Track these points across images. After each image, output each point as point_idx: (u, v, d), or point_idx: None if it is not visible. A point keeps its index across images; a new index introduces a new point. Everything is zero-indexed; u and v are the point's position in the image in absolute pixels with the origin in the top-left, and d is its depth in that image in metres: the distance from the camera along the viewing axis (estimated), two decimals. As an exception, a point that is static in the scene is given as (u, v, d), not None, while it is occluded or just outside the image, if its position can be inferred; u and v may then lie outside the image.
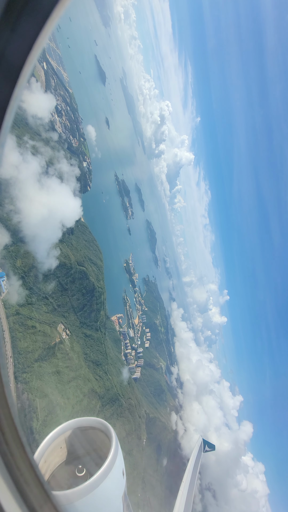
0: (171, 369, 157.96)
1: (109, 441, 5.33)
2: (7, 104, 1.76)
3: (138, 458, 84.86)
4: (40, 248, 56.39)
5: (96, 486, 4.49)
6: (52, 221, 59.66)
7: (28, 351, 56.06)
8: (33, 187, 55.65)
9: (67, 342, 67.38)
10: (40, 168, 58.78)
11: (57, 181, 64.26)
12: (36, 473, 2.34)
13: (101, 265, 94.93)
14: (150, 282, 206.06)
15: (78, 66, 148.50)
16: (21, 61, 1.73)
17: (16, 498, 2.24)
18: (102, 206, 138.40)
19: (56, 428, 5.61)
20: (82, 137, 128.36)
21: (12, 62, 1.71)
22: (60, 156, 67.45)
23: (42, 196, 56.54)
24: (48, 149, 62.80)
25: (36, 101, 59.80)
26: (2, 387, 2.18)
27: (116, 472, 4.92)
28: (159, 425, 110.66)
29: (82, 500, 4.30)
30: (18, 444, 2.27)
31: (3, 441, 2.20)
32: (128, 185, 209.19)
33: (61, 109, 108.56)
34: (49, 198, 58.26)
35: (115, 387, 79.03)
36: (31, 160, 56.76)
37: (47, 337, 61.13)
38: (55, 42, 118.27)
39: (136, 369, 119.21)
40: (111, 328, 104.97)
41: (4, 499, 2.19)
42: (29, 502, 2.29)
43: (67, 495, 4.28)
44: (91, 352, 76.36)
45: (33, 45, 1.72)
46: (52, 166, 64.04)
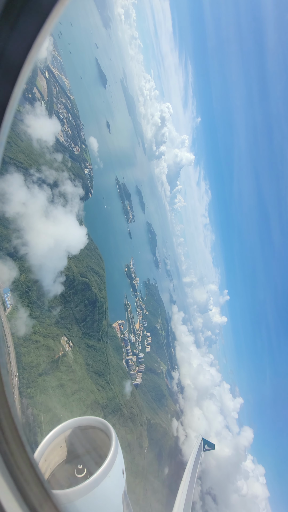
0: (172, 374, 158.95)
1: (109, 440, 5.36)
2: (7, 103, 1.75)
3: (140, 467, 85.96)
4: (47, 277, 57.25)
5: (96, 485, 4.52)
6: (58, 251, 60.63)
7: (32, 366, 56.86)
8: (40, 219, 56.49)
9: (70, 355, 68.24)
10: (47, 199, 59.62)
11: (63, 210, 65.07)
12: (36, 472, 2.39)
13: (103, 274, 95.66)
14: (151, 285, 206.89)
15: (80, 72, 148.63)
16: (21, 59, 1.72)
17: (16, 497, 2.28)
18: (103, 212, 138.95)
19: (56, 427, 5.65)
20: (84, 144, 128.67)
21: (12, 60, 1.69)
22: (64, 177, 68.09)
23: (49, 227, 57.46)
24: (53, 172, 63.56)
25: (40, 125, 60.46)
26: (2, 386, 2.19)
27: (116, 471, 4.93)
28: (160, 431, 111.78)
29: (82, 499, 4.34)
30: (18, 443, 2.30)
31: (3, 440, 2.23)
32: (129, 187, 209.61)
33: (63, 118, 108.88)
34: (55, 228, 59.18)
35: (117, 397, 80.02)
36: (38, 193, 57.53)
37: (50, 351, 61.97)
38: (56, 50, 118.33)
39: (137, 374, 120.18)
40: (113, 336, 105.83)
41: (4, 498, 2.23)
42: (29, 501, 2.33)
43: (67, 494, 4.32)
44: (93, 363, 77.25)
45: (33, 44, 1.71)
46: (57, 188, 64.71)
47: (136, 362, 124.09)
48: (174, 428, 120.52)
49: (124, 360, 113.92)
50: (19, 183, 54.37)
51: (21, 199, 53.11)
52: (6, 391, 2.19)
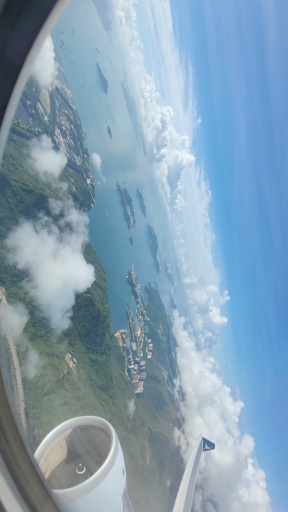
0: (174, 381, 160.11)
1: (109, 440, 5.38)
2: (7, 103, 1.77)
3: (142, 478, 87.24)
4: (55, 315, 58.25)
5: (96, 485, 4.53)
6: (66, 290, 61.71)
7: (37, 386, 57.88)
8: (49, 261, 57.43)
9: (74, 371, 69.26)
10: (55, 239, 60.66)
11: (70, 249, 66.06)
12: (36, 471, 2.40)
13: (106, 286, 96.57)
14: (152, 289, 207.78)
15: (81, 80, 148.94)
16: (21, 59, 1.74)
17: (17, 496, 2.29)
18: (105, 220, 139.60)
19: (56, 427, 5.68)
20: (86, 153, 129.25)
21: (12, 60, 1.72)
22: (69, 205, 68.96)
23: (57, 268, 58.41)
24: (59, 203, 64.48)
25: (47, 158, 61.36)
26: (2, 386, 2.21)
27: (116, 470, 4.94)
28: (162, 439, 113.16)
29: (82, 498, 4.35)
30: (19, 442, 2.32)
31: (4, 440, 2.25)
32: (129, 192, 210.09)
33: (65, 129, 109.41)
34: (63, 268, 60.13)
35: (120, 411, 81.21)
36: (46, 238, 58.57)
37: (55, 370, 63.00)
38: (59, 61, 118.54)
39: (139, 383, 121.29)
40: (115, 346, 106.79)
41: (5, 498, 2.24)
42: (29, 501, 2.34)
43: (67, 494, 4.33)
44: (96, 378, 78.35)
45: (33, 43, 1.72)
46: (63, 219, 65.67)
47: (137, 371, 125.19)
48: (176, 438, 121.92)
49: (126, 369, 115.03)
50: (29, 231, 55.46)
51: (32, 248, 54.29)
52: (7, 390, 2.22)
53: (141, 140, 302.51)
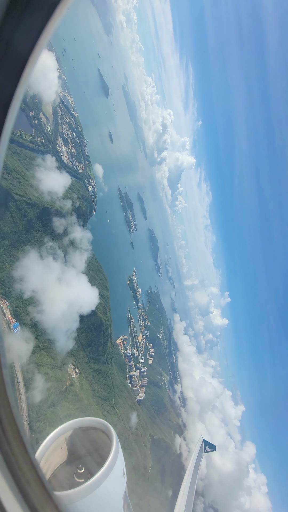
0: (175, 386, 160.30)
1: (109, 441, 5.37)
2: (11, 101, 1.78)
3: (145, 488, 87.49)
4: (60, 338, 58.80)
5: (97, 486, 4.52)
6: (71, 313, 62.27)
7: (42, 400, 58.30)
8: (54, 286, 58.02)
9: (76, 383, 69.71)
10: (60, 263, 61.25)
11: (74, 272, 66.66)
12: (37, 473, 2.41)
13: (107, 295, 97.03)
14: (153, 293, 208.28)
15: (83, 86, 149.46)
16: (25, 57, 1.74)
17: (18, 498, 2.30)
18: (106, 226, 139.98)
19: (57, 428, 5.66)
20: (87, 160, 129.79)
21: (15, 58, 1.72)
22: (72, 222, 69.51)
23: (62, 292, 58.97)
24: (63, 221, 65.11)
25: (51, 179, 61.91)
26: (3, 387, 2.22)
27: (117, 472, 4.92)
28: (163, 446, 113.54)
29: (83, 500, 4.35)
30: (20, 444, 2.33)
31: (5, 441, 2.26)
32: (130, 195, 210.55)
33: (67, 138, 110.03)
34: (69, 292, 60.72)
35: (122, 420, 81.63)
36: (52, 263, 59.17)
37: (58, 382, 63.42)
38: (61, 69, 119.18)
39: (140, 389, 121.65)
40: (117, 353, 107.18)
41: (6, 499, 2.25)
42: (30, 502, 2.35)
43: (68, 495, 4.33)
44: (99, 388, 78.79)
45: (36, 42, 1.74)
46: (66, 237, 66.32)
47: (139, 377, 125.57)
48: (177, 445, 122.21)
49: (128, 376, 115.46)
50: (35, 258, 56.00)
51: (38, 277, 54.89)
52: (8, 391, 2.24)
53: (141, 142, 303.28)
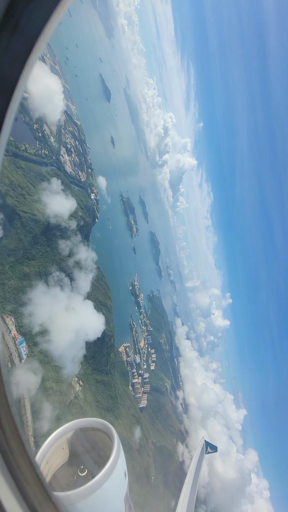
0: (177, 393, 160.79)
1: (111, 442, 5.37)
2: (6, 110, 1.76)
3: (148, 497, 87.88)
4: (67, 364, 59.51)
5: (98, 487, 4.50)
6: (77, 341, 63.03)
7: (46, 415, 58.98)
8: (61, 316, 58.68)
9: (80, 395, 70.37)
10: (66, 290, 62.02)
11: (81, 298, 67.40)
12: (37, 474, 2.41)
13: (110, 304, 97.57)
14: (154, 297, 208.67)
15: (85, 93, 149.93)
16: (23, 59, 1.72)
17: (18, 499, 2.30)
18: (108, 233, 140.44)
19: (58, 429, 5.65)
20: (90, 168, 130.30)
21: (11, 62, 1.70)
22: (77, 241, 70.14)
23: (69, 320, 59.59)
24: (68, 243, 65.69)
25: (57, 202, 62.55)
26: (2, 386, 2.22)
27: (118, 473, 4.91)
28: (166, 453, 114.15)
29: (84, 501, 4.33)
30: (20, 445, 2.33)
31: (5, 442, 2.25)
32: (132, 199, 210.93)
33: (70, 147, 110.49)
34: (75, 319, 61.33)
35: (125, 431, 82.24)
36: (59, 293, 59.90)
37: (63, 396, 64.10)
38: (64, 78, 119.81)
39: (143, 396, 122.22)
40: (119, 361, 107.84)
41: (6, 500, 2.25)
42: (30, 504, 2.35)
43: (69, 497, 4.31)
44: (102, 399, 79.42)
45: (33, 47, 1.72)
46: (71, 258, 66.98)
47: (141, 383, 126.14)
48: (180, 453, 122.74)
49: (130, 383, 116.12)
50: (42, 290, 56.83)
51: (46, 310, 55.74)
52: (7, 391, 2.24)
53: (143, 145, 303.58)
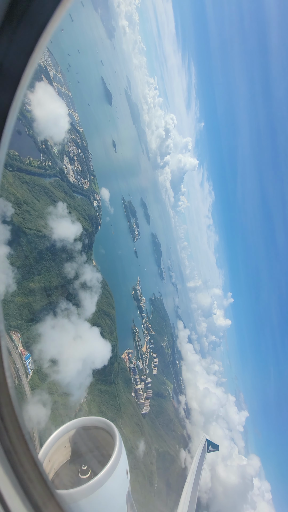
0: (179, 398, 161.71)
1: (112, 441, 5.44)
2: (8, 110, 1.79)
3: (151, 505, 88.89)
4: (75, 392, 60.30)
5: (100, 485, 4.57)
6: (85, 369, 63.85)
7: (51, 429, 59.80)
8: (69, 347, 59.25)
9: (85, 407, 71.21)
10: (74, 319, 62.66)
11: (87, 326, 68.05)
12: (40, 472, 2.43)
13: (113, 313, 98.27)
14: (156, 299, 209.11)
15: (87, 99, 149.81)
16: (24, 59, 1.74)
17: (21, 496, 2.32)
18: (111, 239, 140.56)
19: (60, 428, 5.75)
20: (92, 175, 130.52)
21: (13, 63, 1.72)
22: (82, 261, 70.78)
23: (76, 349, 60.26)
24: (74, 265, 66.36)
25: (63, 227, 63.13)
26: (6, 386, 2.25)
27: (120, 471, 4.97)
28: (168, 459, 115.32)
29: (86, 499, 4.38)
30: (23, 443, 2.35)
31: (8, 440, 2.28)
32: (134, 202, 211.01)
33: (73, 156, 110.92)
34: (82, 348, 61.96)
35: (129, 440, 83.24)
36: (67, 324, 60.47)
37: (68, 409, 64.95)
38: (66, 86, 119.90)
39: (145, 402, 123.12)
40: (122, 368, 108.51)
41: (9, 498, 2.27)
42: (33, 501, 2.37)
43: (71, 494, 4.38)
44: (106, 409, 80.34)
45: (34, 47, 1.74)
46: (77, 281, 67.75)
47: (144, 389, 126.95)
48: (182, 459, 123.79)
49: (133, 390, 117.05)
50: (51, 325, 57.58)
51: (55, 344, 56.60)
52: (10, 391, 2.26)
53: (144, 145, 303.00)
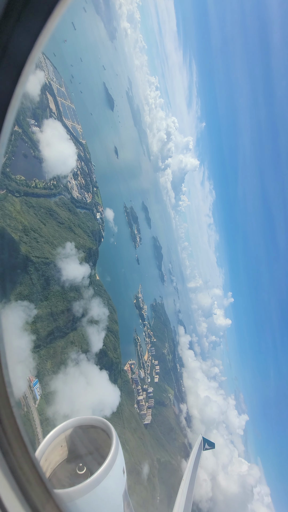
0: (180, 406, 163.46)
1: (109, 440, 5.46)
2: (9, 101, 1.80)
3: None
4: None
5: (97, 484, 4.59)
6: (95, 413, 64.41)
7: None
8: (80, 397, 60.18)
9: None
10: (83, 369, 63.59)
11: (96, 370, 68.95)
12: (37, 471, 2.45)
13: (117, 328, 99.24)
14: (158, 304, 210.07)
15: (90, 108, 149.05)
16: (24, 56, 1.76)
17: (18, 496, 2.34)
18: (113, 249, 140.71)
19: (57, 427, 5.73)
20: (95, 186, 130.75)
21: (14, 58, 1.73)
22: (89, 295, 71.72)
23: (86, 396, 61.17)
24: (82, 303, 67.20)
25: (72, 269, 63.89)
26: (4, 386, 2.26)
27: (117, 470, 5.00)
28: (170, 468, 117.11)
29: (83, 498, 4.40)
30: (20, 442, 2.37)
31: (5, 440, 2.30)
32: (135, 206, 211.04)
33: (76, 170, 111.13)
34: (92, 396, 62.68)
35: (133, 456, 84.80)
36: (78, 377, 60.91)
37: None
38: (70, 98, 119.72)
39: (147, 412, 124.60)
40: (125, 380, 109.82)
41: (6, 497, 2.29)
42: (30, 500, 2.39)
43: (68, 493, 4.38)
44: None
45: (35, 42, 1.75)
46: (85, 317, 68.79)
47: (145, 399, 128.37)
48: (184, 469, 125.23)
49: (135, 401, 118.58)
50: (63, 379, 58.55)
51: (67, 397, 57.51)
52: (8, 391, 2.29)
53: (145, 146, 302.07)
